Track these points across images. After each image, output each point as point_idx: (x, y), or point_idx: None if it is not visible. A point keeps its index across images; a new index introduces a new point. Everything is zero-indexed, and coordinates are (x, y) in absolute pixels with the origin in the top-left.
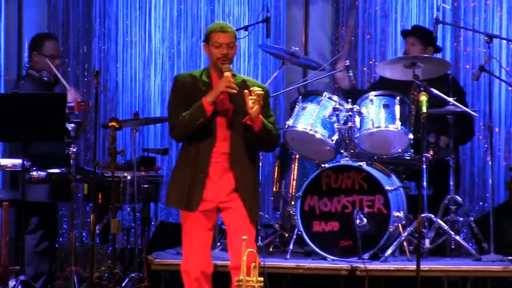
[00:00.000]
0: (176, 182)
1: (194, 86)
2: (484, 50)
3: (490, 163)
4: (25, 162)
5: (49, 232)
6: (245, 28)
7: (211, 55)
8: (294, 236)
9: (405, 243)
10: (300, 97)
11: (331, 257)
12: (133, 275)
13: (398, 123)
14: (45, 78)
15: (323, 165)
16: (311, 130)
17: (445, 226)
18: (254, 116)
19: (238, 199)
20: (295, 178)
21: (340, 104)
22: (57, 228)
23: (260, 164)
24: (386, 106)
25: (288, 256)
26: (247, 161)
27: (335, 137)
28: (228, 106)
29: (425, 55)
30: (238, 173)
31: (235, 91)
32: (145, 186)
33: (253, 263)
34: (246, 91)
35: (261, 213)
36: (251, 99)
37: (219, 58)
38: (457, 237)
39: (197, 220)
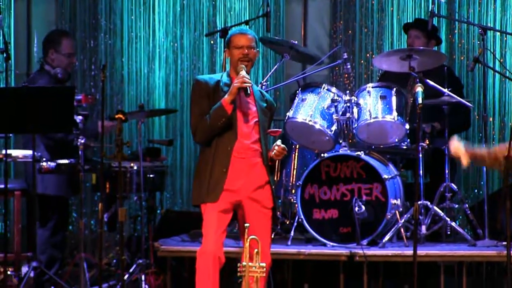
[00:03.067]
0: (198, 180)
1: (215, 87)
2: (479, 42)
3: None
4: (35, 153)
5: (61, 222)
6: (246, 22)
7: (232, 56)
8: (295, 224)
9: (402, 230)
10: (300, 89)
11: (331, 244)
12: (140, 261)
13: (394, 113)
14: (59, 75)
15: (322, 155)
16: (310, 121)
17: (441, 213)
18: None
19: (266, 195)
20: (295, 167)
21: (338, 96)
22: (68, 218)
23: None
24: (383, 97)
25: (289, 243)
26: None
27: (334, 127)
28: (250, 106)
29: (421, 47)
30: (267, 168)
31: (250, 84)
32: (150, 176)
33: (256, 250)
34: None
35: None
36: (276, 154)
37: (240, 58)
38: (453, 224)
39: (218, 208)
